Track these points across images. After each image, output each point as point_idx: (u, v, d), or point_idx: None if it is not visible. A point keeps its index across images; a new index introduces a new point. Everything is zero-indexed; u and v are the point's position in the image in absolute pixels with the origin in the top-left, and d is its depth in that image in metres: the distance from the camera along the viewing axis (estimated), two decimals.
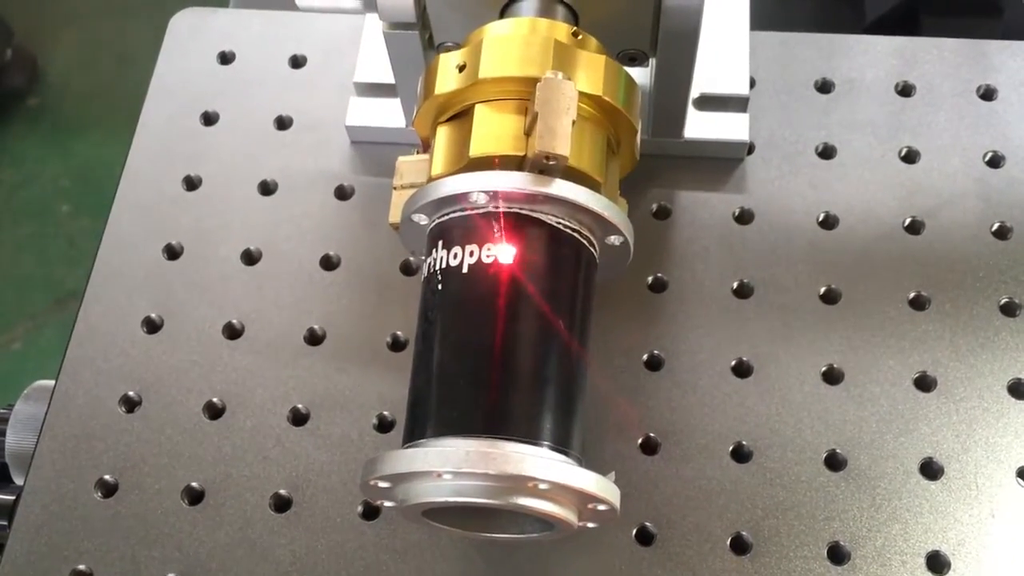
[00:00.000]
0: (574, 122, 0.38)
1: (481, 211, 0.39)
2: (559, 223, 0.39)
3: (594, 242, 0.41)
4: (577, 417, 0.39)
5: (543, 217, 0.39)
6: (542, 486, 0.35)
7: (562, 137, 0.38)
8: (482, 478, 0.35)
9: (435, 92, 0.42)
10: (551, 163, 0.38)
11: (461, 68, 0.42)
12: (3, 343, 1.38)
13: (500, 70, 0.41)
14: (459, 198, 0.39)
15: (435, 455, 0.36)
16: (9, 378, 1.34)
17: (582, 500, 0.37)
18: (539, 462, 0.35)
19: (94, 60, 1.61)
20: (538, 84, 0.38)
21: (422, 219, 0.41)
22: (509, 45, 0.42)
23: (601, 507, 0.37)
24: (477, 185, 0.39)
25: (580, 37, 0.43)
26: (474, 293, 0.39)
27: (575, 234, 0.40)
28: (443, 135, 0.42)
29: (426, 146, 0.44)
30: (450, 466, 0.35)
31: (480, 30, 0.44)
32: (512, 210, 0.39)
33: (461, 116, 0.42)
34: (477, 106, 0.41)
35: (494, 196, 0.39)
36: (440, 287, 0.39)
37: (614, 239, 0.41)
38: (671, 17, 0.45)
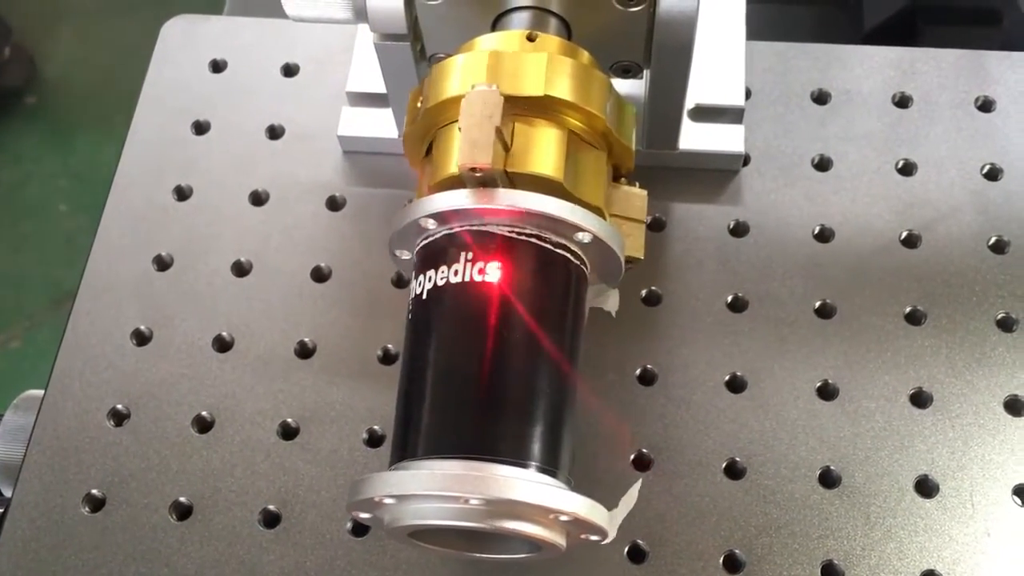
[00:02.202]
0: (499, 130, 0.37)
1: (436, 237, 0.39)
2: (512, 232, 0.38)
3: (566, 244, 0.39)
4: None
5: (494, 229, 0.38)
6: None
7: (482, 146, 0.37)
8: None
9: (405, 131, 0.42)
10: (479, 175, 0.37)
11: (421, 102, 0.42)
12: (1, 342, 1.38)
13: (442, 94, 0.40)
14: (413, 229, 0.39)
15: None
16: (7, 377, 1.35)
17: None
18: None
19: (92, 58, 1.60)
20: (462, 100, 0.38)
21: (404, 254, 0.42)
22: (448, 68, 0.41)
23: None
24: (416, 213, 0.39)
25: (536, 40, 0.42)
26: (427, 318, 0.39)
27: (531, 239, 0.38)
28: (421, 169, 0.43)
29: None
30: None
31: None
32: (464, 229, 0.38)
33: (431, 147, 0.42)
34: (435, 134, 0.41)
35: (442, 219, 0.38)
36: (410, 316, 0.40)
37: (581, 236, 0.39)
38: (665, 29, 0.45)
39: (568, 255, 0.40)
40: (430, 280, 0.39)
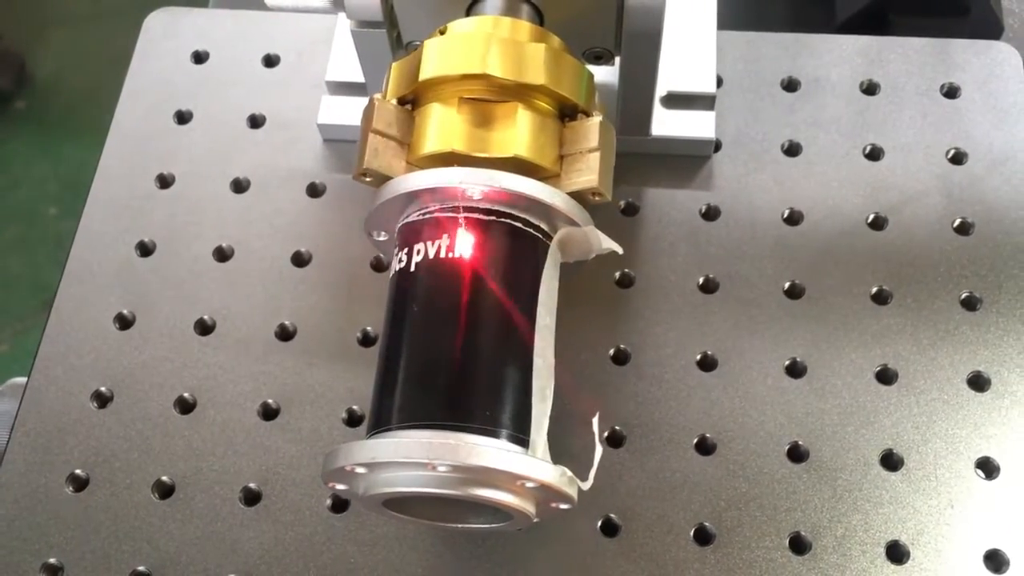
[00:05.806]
0: (378, 131, 0.42)
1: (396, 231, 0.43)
2: (425, 215, 0.41)
3: (474, 206, 0.40)
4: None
5: (414, 219, 0.41)
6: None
7: (359, 155, 0.42)
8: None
9: None
10: (368, 179, 0.43)
11: None
12: None
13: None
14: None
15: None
16: None
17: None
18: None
19: (81, 63, 1.61)
20: None
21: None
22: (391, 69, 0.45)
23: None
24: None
25: (445, 33, 0.44)
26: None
27: (446, 213, 0.40)
28: None
29: None
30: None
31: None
32: (404, 223, 0.42)
33: None
34: None
35: (376, 224, 0.44)
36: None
37: (471, 192, 0.40)
38: (634, 17, 0.46)
39: (477, 215, 0.40)
40: (399, 262, 0.41)
